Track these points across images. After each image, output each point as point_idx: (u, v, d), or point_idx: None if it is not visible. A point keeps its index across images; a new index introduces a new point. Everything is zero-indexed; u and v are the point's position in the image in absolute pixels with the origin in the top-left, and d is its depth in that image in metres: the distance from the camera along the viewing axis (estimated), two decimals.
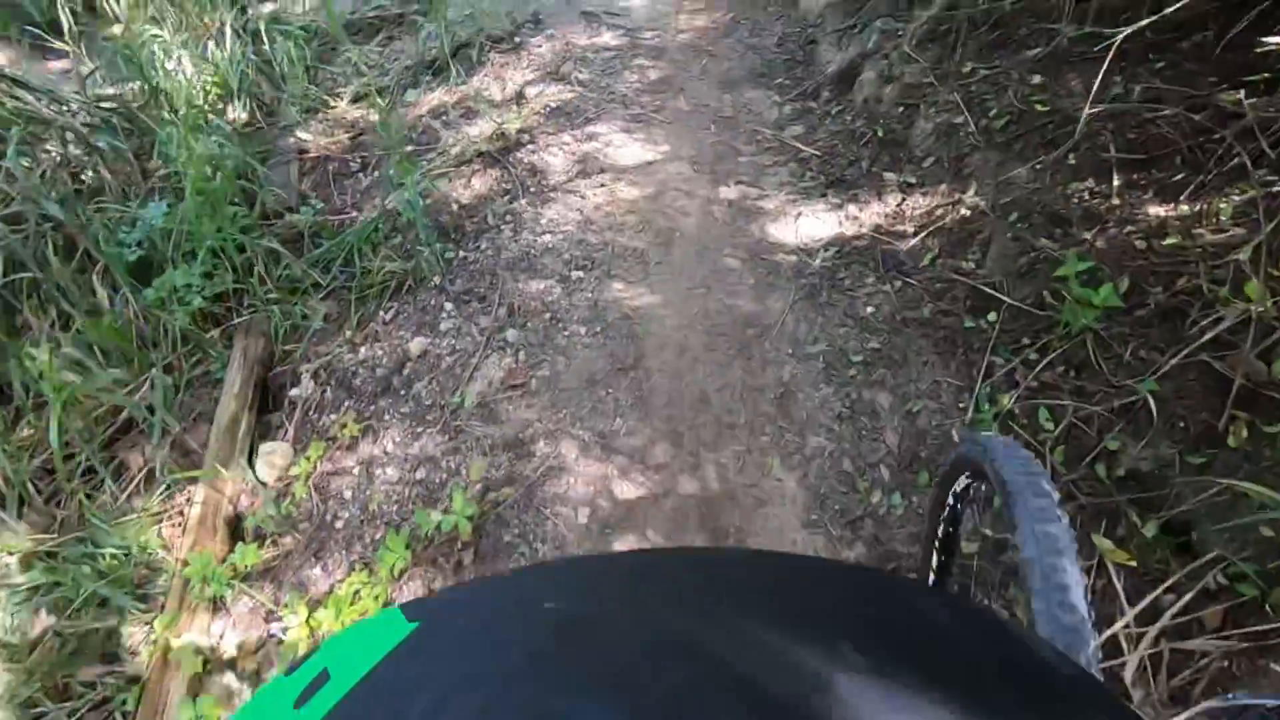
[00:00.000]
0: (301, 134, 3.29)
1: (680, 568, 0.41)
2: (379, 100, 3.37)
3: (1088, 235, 1.71)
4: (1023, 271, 1.77)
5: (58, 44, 3.13)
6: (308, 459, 1.94)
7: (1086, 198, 1.79)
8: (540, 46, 3.15)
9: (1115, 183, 1.77)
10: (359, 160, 3.07)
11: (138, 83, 3.20)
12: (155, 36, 3.26)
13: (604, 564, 0.51)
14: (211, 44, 3.37)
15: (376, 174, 3.03)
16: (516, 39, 3.23)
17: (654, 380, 1.81)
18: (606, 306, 2.01)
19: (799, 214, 2.20)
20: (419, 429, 1.90)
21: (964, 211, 1.98)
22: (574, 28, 3.24)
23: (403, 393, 2.02)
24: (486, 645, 0.31)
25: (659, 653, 0.30)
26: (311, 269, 2.56)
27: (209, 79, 3.40)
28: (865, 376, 1.75)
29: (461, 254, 2.34)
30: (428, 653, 0.31)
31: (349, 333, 2.30)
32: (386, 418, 1.97)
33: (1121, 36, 1.49)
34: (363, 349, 2.22)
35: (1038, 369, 1.60)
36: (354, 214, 2.78)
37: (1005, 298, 1.75)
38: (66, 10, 3.16)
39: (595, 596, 0.37)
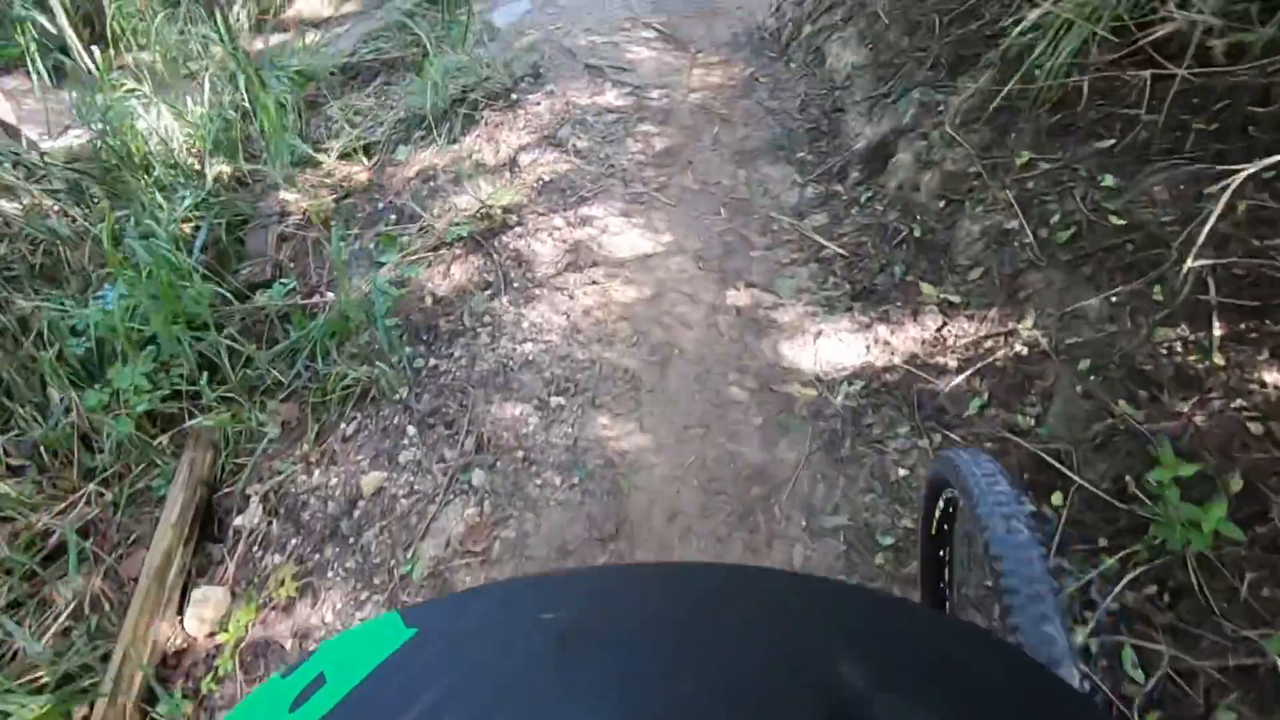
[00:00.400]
0: (285, 194, 3.05)
1: (681, 582, 0.39)
2: (364, 159, 3.13)
3: (1183, 406, 1.36)
4: (1098, 442, 1.43)
5: (27, 101, 2.96)
6: (238, 622, 1.68)
7: (1179, 350, 1.44)
8: (539, 104, 2.87)
9: (1216, 333, 1.42)
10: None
11: (112, 139, 2.99)
12: (132, 90, 3.05)
13: (604, 577, 0.49)
14: (189, 98, 3.15)
15: (359, 244, 2.78)
16: (514, 95, 2.96)
17: (636, 558, 1.51)
18: (588, 448, 1.72)
19: (819, 332, 1.87)
20: (363, 595, 1.63)
21: (1020, 348, 1.64)
22: (576, 84, 2.95)
23: (351, 540, 1.75)
24: (483, 653, 0.32)
25: (660, 667, 0.31)
26: (274, 364, 2.32)
27: (191, 133, 3.19)
28: (896, 568, 1.42)
29: (432, 362, 2.07)
30: (425, 659, 0.31)
31: (305, 447, 2.05)
32: (330, 574, 1.70)
33: (1244, 175, 1.13)
34: (317, 472, 1.96)
35: (1120, 585, 1.26)
36: (329, 295, 2.52)
37: (1075, 476, 1.41)
38: (37, 59, 2.97)
39: (595, 609, 0.36)
